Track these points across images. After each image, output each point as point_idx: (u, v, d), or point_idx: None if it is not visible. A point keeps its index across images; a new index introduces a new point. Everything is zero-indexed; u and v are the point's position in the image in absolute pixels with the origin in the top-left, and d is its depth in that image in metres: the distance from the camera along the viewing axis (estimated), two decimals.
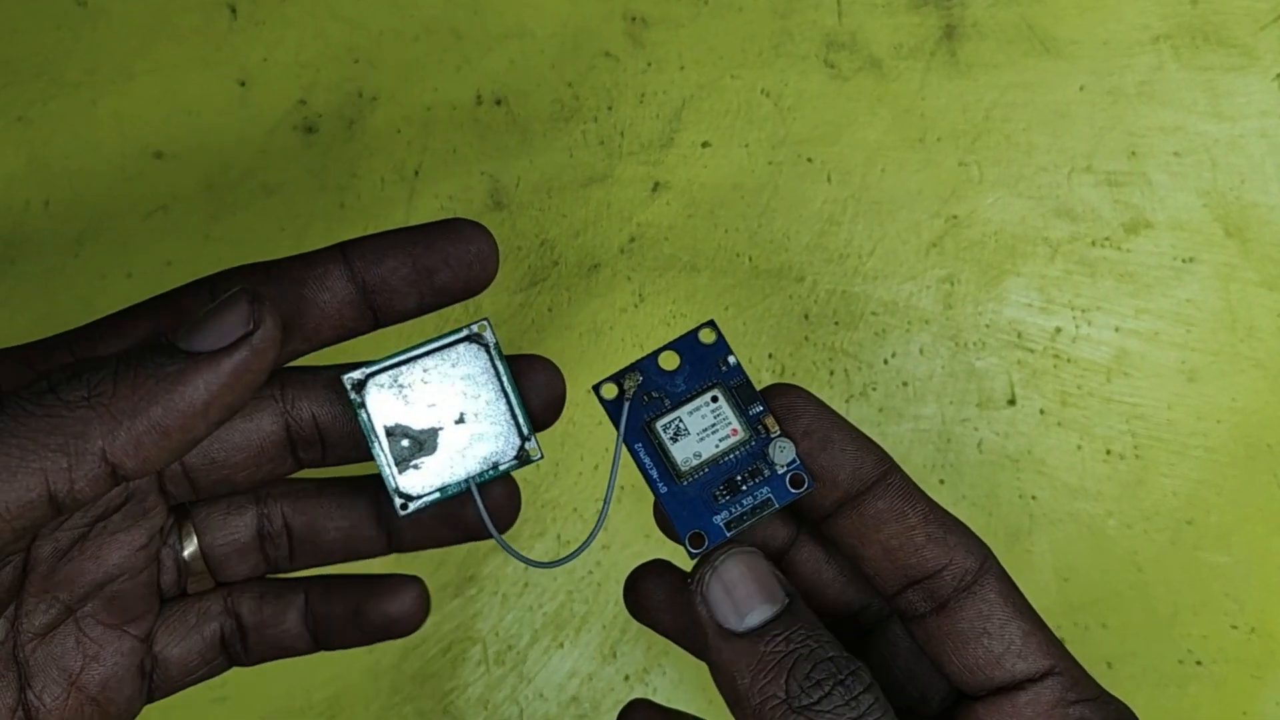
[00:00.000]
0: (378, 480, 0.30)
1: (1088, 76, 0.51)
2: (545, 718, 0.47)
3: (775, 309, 0.50)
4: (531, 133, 0.50)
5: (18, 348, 0.29)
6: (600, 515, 0.32)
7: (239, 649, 0.32)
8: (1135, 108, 0.51)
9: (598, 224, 0.50)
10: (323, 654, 0.45)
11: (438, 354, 0.30)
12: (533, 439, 0.31)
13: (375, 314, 0.29)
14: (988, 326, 0.50)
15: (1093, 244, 0.50)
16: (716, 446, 0.30)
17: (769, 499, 0.30)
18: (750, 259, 0.50)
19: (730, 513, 0.30)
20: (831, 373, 0.49)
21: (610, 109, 0.51)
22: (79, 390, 0.23)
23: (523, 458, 0.31)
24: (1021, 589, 0.42)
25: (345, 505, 0.31)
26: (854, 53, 0.51)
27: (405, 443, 0.30)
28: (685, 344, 0.31)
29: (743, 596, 0.28)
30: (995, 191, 0.50)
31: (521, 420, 0.31)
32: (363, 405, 0.30)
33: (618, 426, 0.30)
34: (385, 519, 0.32)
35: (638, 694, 0.47)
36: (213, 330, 0.24)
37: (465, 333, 0.30)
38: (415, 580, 0.33)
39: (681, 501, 0.30)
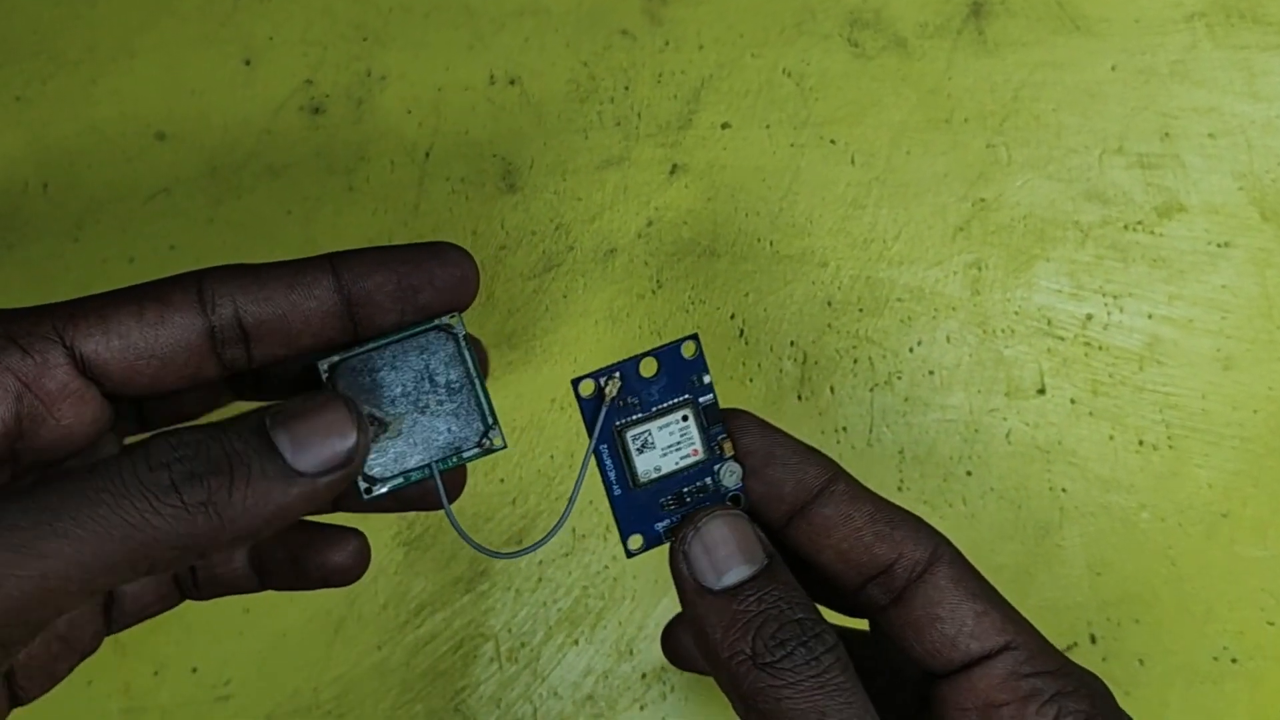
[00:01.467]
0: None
1: (1119, 55, 0.50)
2: (560, 717, 0.46)
3: (797, 295, 0.48)
4: (546, 113, 0.49)
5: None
6: (564, 513, 0.33)
7: (190, 585, 0.33)
8: (1168, 87, 0.49)
9: (614, 208, 0.49)
10: (331, 652, 0.44)
11: (408, 342, 0.31)
12: (497, 428, 0.32)
13: (355, 326, 0.30)
14: (1016, 313, 0.48)
15: (1125, 228, 0.49)
16: (676, 464, 0.32)
17: None
18: (771, 244, 0.49)
19: (672, 521, 0.32)
20: (855, 361, 0.48)
21: (627, 89, 0.49)
22: (199, 495, 0.25)
23: (485, 446, 0.32)
24: (1052, 583, 0.42)
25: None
26: (878, 31, 0.50)
27: (373, 427, 0.31)
28: (666, 354, 0.32)
29: (722, 556, 0.30)
30: (1024, 174, 0.49)
31: (486, 410, 0.32)
32: (334, 388, 0.30)
33: (590, 427, 0.31)
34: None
35: (655, 693, 0.46)
36: (317, 450, 0.26)
37: (436, 323, 0.31)
38: (355, 533, 0.34)
39: (631, 506, 0.32)
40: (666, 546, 0.32)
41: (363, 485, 0.31)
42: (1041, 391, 0.48)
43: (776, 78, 0.49)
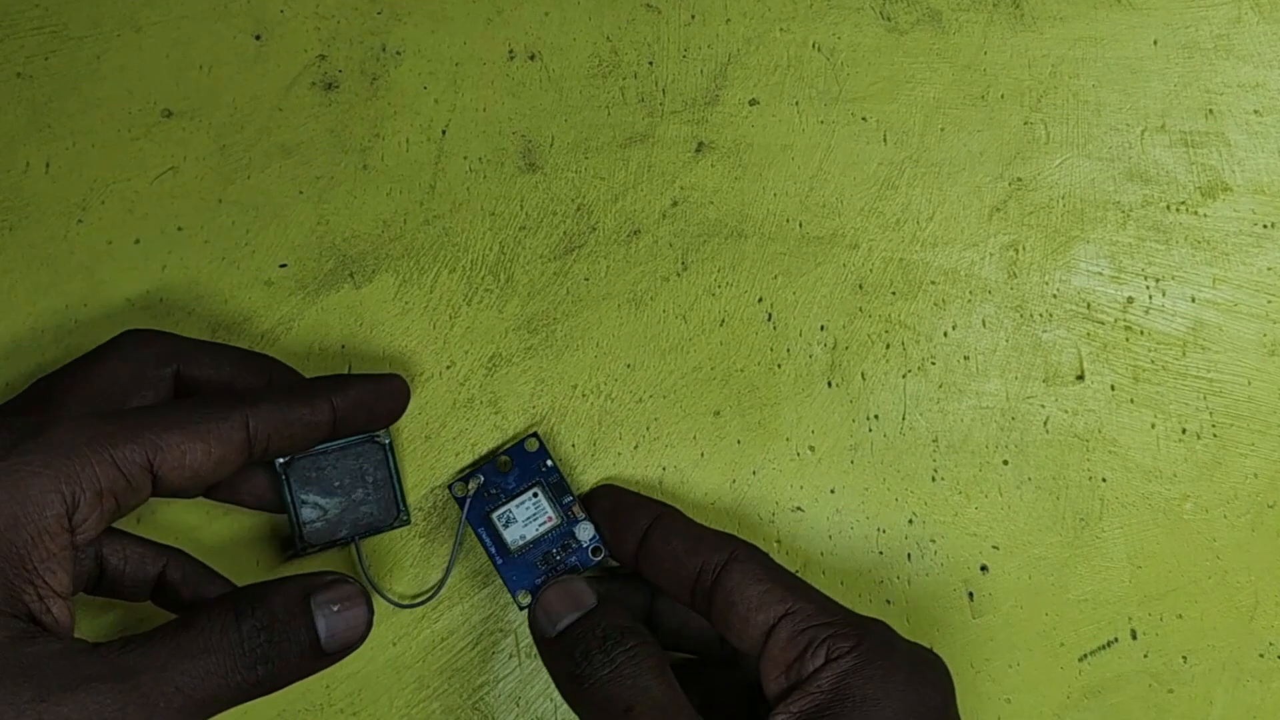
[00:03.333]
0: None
1: (1161, 29, 0.48)
2: None
3: (827, 278, 0.47)
4: (567, 90, 0.47)
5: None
6: (445, 572, 0.44)
7: (96, 585, 0.40)
8: (1213, 63, 0.48)
9: (638, 187, 0.47)
10: None
11: (349, 449, 0.42)
12: (405, 513, 0.43)
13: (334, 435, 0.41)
14: (1055, 297, 0.47)
15: (1167, 209, 0.47)
16: (537, 530, 0.42)
17: (575, 565, 0.42)
18: (801, 225, 0.47)
19: (548, 578, 0.42)
20: (888, 346, 0.46)
21: (651, 64, 0.48)
22: (268, 669, 0.34)
23: (395, 524, 0.43)
24: (1091, 576, 0.45)
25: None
26: (912, 4, 0.48)
27: (313, 508, 0.42)
28: (515, 451, 0.43)
29: (555, 611, 0.39)
30: (1063, 152, 0.48)
31: (400, 500, 0.43)
32: (287, 477, 0.41)
33: (462, 511, 0.43)
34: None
35: None
36: (343, 638, 0.35)
37: (371, 436, 0.42)
38: (228, 588, 0.42)
39: (513, 569, 0.42)
40: None
41: (300, 545, 0.42)
42: (1080, 378, 0.47)
43: (806, 53, 0.48)
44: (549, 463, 0.43)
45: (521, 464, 0.43)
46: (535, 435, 0.43)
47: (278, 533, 0.44)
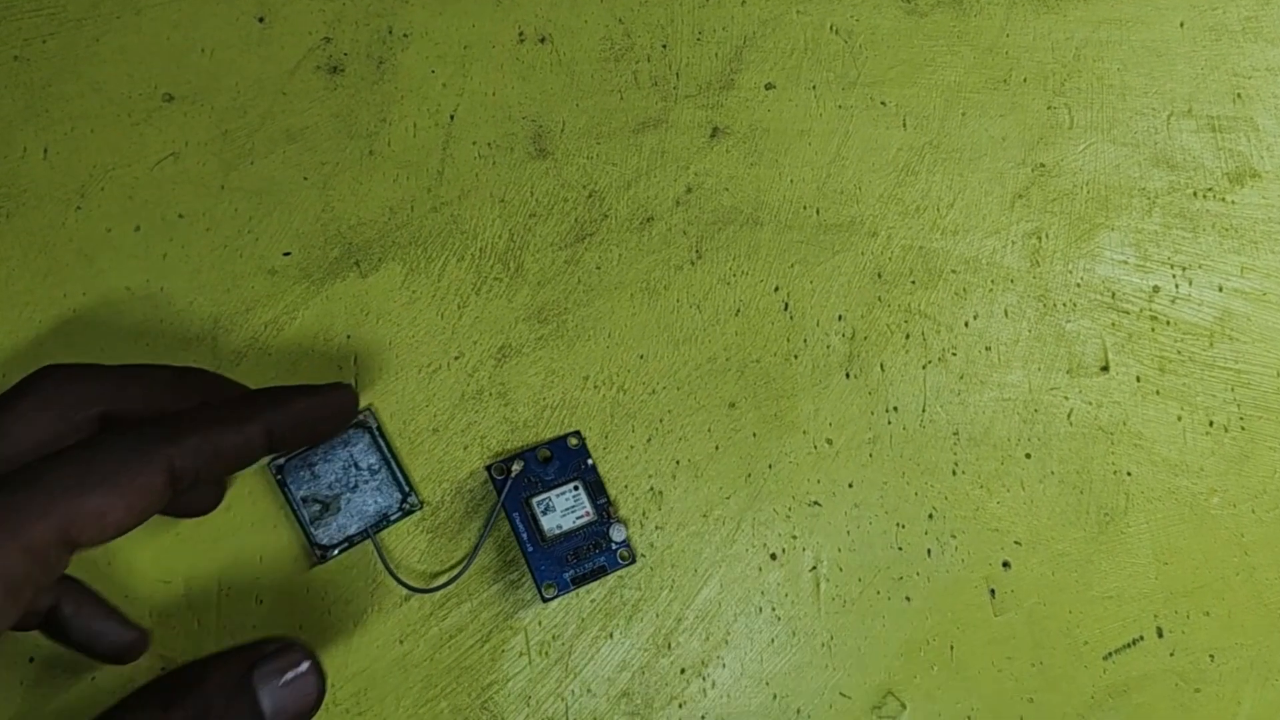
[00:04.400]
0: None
1: (1188, 11, 0.47)
2: (593, 715, 0.44)
3: (845, 267, 0.46)
4: (579, 73, 0.47)
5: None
6: (474, 549, 0.43)
7: None
8: (1240, 45, 0.47)
9: (651, 173, 0.46)
10: (349, 646, 0.42)
11: (334, 439, 0.41)
12: (413, 494, 0.42)
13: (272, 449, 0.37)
14: (1079, 286, 0.46)
15: (1194, 195, 0.47)
16: (574, 522, 0.42)
17: (603, 565, 0.43)
18: (818, 212, 0.46)
19: (576, 571, 0.42)
20: (907, 336, 0.45)
21: (665, 47, 0.47)
22: None
23: (406, 509, 0.42)
24: (1116, 573, 0.44)
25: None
26: None
27: (316, 507, 0.41)
28: (557, 446, 0.43)
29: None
30: (1087, 138, 0.47)
31: (403, 481, 0.42)
32: (283, 483, 0.41)
33: (499, 495, 0.42)
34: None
35: (695, 689, 0.44)
36: (293, 715, 0.33)
37: (354, 420, 0.41)
38: (142, 632, 0.40)
39: (543, 559, 0.42)
40: (576, 592, 0.43)
41: (316, 554, 0.41)
42: (1105, 369, 0.46)
43: (824, 35, 0.47)
44: (589, 461, 0.44)
45: (562, 458, 0.44)
46: (577, 434, 0.44)
47: (298, 546, 0.43)
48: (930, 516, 0.45)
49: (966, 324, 0.46)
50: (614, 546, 0.43)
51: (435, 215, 0.45)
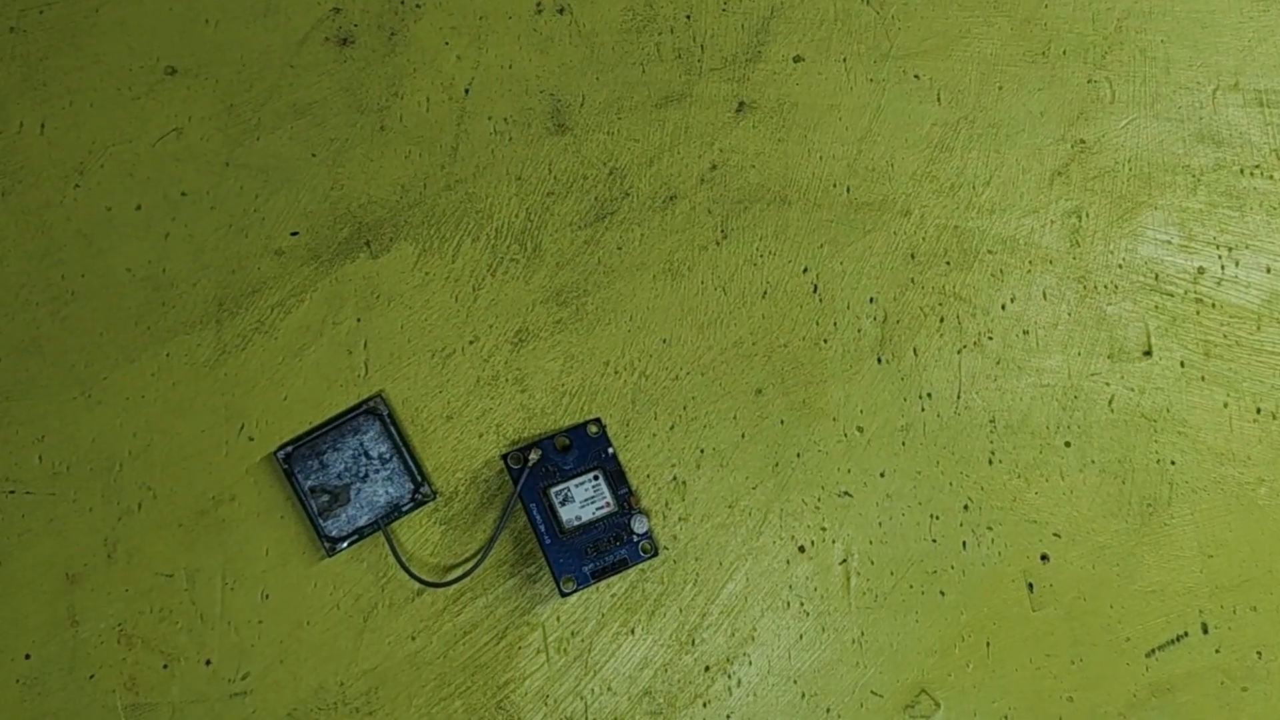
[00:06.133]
0: None
1: None
2: (614, 714, 0.43)
3: (877, 247, 0.45)
4: (599, 45, 0.46)
5: None
6: (490, 540, 0.43)
7: None
8: None
9: (674, 150, 0.45)
10: (360, 642, 0.42)
11: (343, 426, 0.41)
12: (425, 484, 0.41)
13: None
14: (1120, 267, 0.45)
15: (1240, 172, 0.46)
16: (594, 513, 0.42)
17: (624, 559, 0.42)
18: (849, 190, 0.45)
19: (596, 565, 0.42)
20: (941, 319, 0.45)
21: (689, 18, 0.46)
22: None
23: (418, 500, 0.42)
24: (1159, 566, 0.44)
25: None
26: None
27: (325, 498, 0.40)
28: (576, 434, 0.42)
29: None
30: (1129, 113, 0.46)
31: (415, 471, 0.41)
32: (290, 472, 0.40)
33: (515, 485, 0.42)
34: None
35: (719, 688, 0.44)
36: None
37: (364, 406, 0.41)
38: None
39: (561, 552, 0.42)
40: (596, 586, 0.42)
41: (326, 545, 0.40)
42: (1148, 353, 0.45)
43: (855, 6, 0.46)
44: (610, 450, 0.43)
45: (581, 447, 0.43)
46: (597, 421, 0.43)
47: (306, 537, 0.42)
48: (965, 507, 0.44)
49: (1003, 307, 0.45)
50: (635, 539, 0.42)
51: (449, 193, 0.45)
